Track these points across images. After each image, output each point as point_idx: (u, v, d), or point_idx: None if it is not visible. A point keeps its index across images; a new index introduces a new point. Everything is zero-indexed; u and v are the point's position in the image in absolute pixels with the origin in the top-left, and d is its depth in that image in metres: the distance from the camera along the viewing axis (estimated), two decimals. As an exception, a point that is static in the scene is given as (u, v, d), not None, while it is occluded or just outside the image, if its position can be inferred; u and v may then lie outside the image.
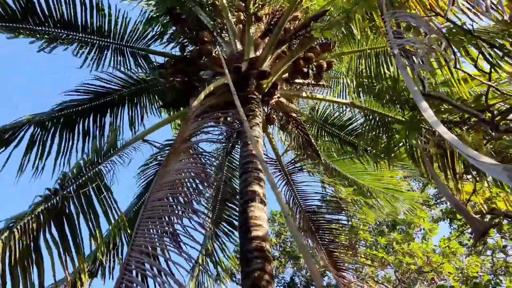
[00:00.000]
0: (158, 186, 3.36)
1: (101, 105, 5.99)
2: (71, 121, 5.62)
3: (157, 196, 3.21)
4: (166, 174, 3.53)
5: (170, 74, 6.12)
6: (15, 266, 3.65)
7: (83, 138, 5.75)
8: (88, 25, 5.50)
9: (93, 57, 5.78)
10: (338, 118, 7.06)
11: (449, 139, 2.09)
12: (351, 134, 7.00)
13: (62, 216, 4.17)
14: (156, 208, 3.09)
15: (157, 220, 2.95)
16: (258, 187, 4.50)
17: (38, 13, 5.09)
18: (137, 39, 6.02)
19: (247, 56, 5.99)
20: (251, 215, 4.22)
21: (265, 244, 4.06)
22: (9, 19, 4.92)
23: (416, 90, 2.41)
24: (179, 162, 3.76)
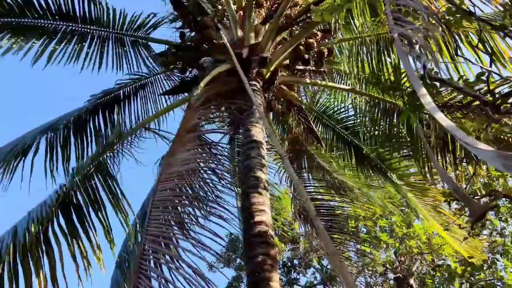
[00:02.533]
0: (166, 175, 3.40)
1: (109, 102, 6.04)
2: (82, 121, 5.66)
3: (166, 186, 3.25)
4: (173, 164, 3.57)
5: (171, 62, 6.12)
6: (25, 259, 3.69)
7: (95, 137, 5.80)
8: (87, 16, 5.50)
9: (95, 50, 5.76)
10: (337, 111, 7.06)
11: (446, 125, 2.12)
12: (347, 129, 7.02)
13: (70, 207, 4.22)
14: (167, 198, 3.14)
15: (171, 210, 2.99)
16: (261, 173, 4.54)
17: (36, 7, 5.09)
18: (138, 28, 6.01)
19: (248, 42, 5.97)
20: (254, 201, 4.27)
21: (268, 229, 4.12)
22: (5, 14, 4.91)
23: (415, 75, 2.43)
24: (187, 151, 3.79)
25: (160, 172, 3.51)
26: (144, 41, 6.17)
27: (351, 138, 6.95)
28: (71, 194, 4.31)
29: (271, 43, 6.06)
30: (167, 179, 3.40)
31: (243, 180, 4.61)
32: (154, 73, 6.61)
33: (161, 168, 3.61)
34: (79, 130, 5.71)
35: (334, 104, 7.06)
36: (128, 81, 6.38)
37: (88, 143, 5.76)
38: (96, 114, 6.01)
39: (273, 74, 6.00)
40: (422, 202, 6.61)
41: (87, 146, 5.72)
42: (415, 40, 3.05)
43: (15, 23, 5.04)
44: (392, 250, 9.18)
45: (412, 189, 6.69)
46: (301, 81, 6.65)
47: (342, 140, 7.04)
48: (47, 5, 5.17)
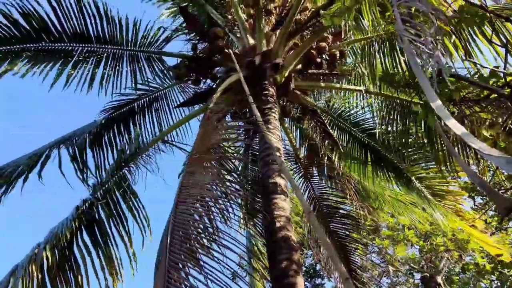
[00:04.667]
0: (184, 196, 3.44)
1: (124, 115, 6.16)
2: (98, 135, 5.79)
3: (184, 209, 3.29)
4: (192, 185, 3.62)
5: (185, 74, 6.21)
6: (53, 275, 3.79)
7: (111, 149, 5.92)
8: (101, 36, 5.63)
9: (111, 69, 5.90)
10: (353, 114, 7.04)
11: (458, 132, 2.12)
12: (364, 131, 6.98)
13: (93, 222, 4.30)
14: (186, 223, 3.17)
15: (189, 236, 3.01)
16: (279, 178, 4.56)
17: (52, 30, 5.25)
18: (150, 43, 6.13)
19: (260, 50, 6.02)
20: (275, 207, 4.29)
21: (290, 234, 4.12)
22: (22, 40, 5.11)
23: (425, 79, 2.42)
24: (207, 174, 3.84)
25: (179, 191, 3.55)
26: (157, 56, 6.28)
27: (368, 141, 6.91)
28: (93, 209, 4.39)
29: (282, 49, 6.09)
30: (186, 200, 3.45)
31: (262, 187, 4.64)
32: (168, 85, 6.72)
33: (180, 187, 3.64)
34: (95, 143, 5.83)
35: (349, 107, 7.04)
36: (142, 94, 6.50)
37: (105, 156, 5.88)
38: (112, 127, 6.14)
39: (286, 79, 6.03)
40: (443, 205, 6.53)
41: (104, 159, 5.84)
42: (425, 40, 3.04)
43: (33, 48, 5.21)
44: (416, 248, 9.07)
45: (432, 191, 6.61)
46: (315, 85, 6.67)
47: (359, 143, 7.01)
48: (62, 28, 5.30)
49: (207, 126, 4.74)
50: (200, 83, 6.52)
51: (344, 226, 7.37)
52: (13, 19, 4.93)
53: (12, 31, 5.01)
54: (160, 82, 6.50)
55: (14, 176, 4.63)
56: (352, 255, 7.32)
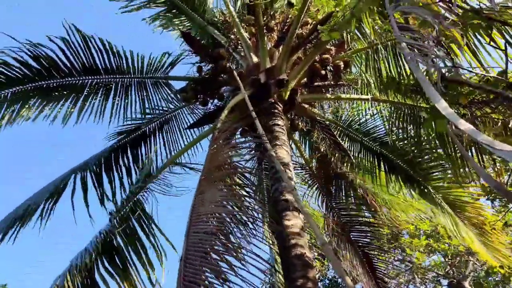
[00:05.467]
0: (198, 217, 3.48)
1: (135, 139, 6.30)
2: (111, 160, 5.90)
3: (198, 229, 3.33)
4: (203, 203, 3.65)
5: (192, 96, 6.30)
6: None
7: (127, 173, 6.04)
8: (108, 67, 5.80)
9: (120, 99, 6.05)
10: (364, 123, 7.01)
11: (466, 130, 2.11)
12: (375, 140, 6.94)
13: (112, 250, 4.36)
14: (199, 244, 3.20)
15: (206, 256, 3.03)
16: (290, 195, 4.56)
17: (61, 66, 5.43)
18: (156, 69, 6.26)
19: (264, 67, 6.08)
20: (287, 224, 4.28)
21: (304, 251, 4.10)
22: (33, 79, 5.30)
23: (427, 82, 2.42)
24: (217, 191, 3.88)
25: (191, 213, 3.58)
26: (164, 81, 6.40)
27: (380, 149, 6.85)
28: (111, 237, 4.44)
29: (286, 64, 6.14)
30: (199, 221, 3.48)
31: (274, 204, 4.64)
32: (178, 107, 6.82)
33: (192, 207, 3.68)
34: (109, 169, 5.95)
35: (358, 116, 7.02)
36: (153, 118, 6.62)
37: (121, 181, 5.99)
38: (124, 152, 6.24)
39: (292, 94, 6.06)
40: (460, 216, 6.42)
41: (120, 184, 5.95)
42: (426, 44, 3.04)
43: (45, 85, 5.39)
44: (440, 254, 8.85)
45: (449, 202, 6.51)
46: (322, 97, 6.67)
47: (371, 152, 6.96)
48: (71, 63, 5.48)
49: (216, 146, 4.79)
50: (208, 103, 6.60)
51: (364, 234, 7.31)
52: (23, 60, 5.13)
53: (23, 71, 5.21)
54: (169, 105, 6.61)
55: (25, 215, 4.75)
56: (376, 263, 7.23)
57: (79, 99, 5.65)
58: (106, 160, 5.75)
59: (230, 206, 3.72)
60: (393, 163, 6.91)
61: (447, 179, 6.69)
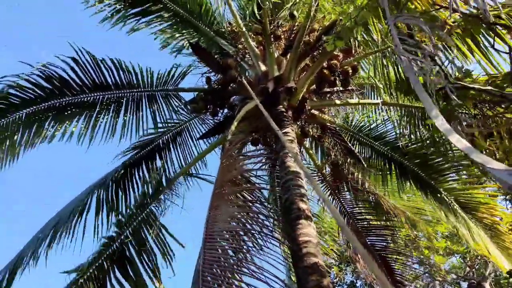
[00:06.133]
0: (210, 231, 3.53)
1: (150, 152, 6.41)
2: (128, 174, 6.02)
3: (213, 245, 3.38)
4: (217, 219, 3.70)
5: (202, 107, 6.38)
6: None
7: (142, 186, 6.16)
8: (119, 83, 5.93)
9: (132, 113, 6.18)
10: (374, 128, 6.99)
11: (461, 147, 2.12)
12: (386, 144, 6.91)
13: (124, 260, 4.43)
14: (214, 259, 3.25)
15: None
16: (302, 203, 4.58)
17: (72, 84, 5.57)
18: (166, 81, 6.35)
19: (272, 75, 6.13)
20: (299, 233, 4.29)
21: (317, 260, 4.11)
22: (46, 98, 5.46)
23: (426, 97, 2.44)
24: (230, 207, 3.92)
25: (206, 227, 3.63)
26: (174, 93, 6.50)
27: (392, 154, 6.82)
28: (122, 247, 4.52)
29: (294, 71, 6.17)
30: (213, 237, 3.53)
31: (286, 213, 4.67)
32: (189, 118, 6.91)
33: (206, 222, 3.73)
34: (125, 184, 6.06)
35: (369, 121, 7.00)
36: (166, 130, 6.72)
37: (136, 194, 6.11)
38: (140, 165, 6.37)
39: (301, 101, 6.09)
40: (473, 217, 6.34)
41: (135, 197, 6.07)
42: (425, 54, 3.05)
43: (58, 104, 5.54)
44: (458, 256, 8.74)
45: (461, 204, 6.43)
46: (331, 103, 6.68)
47: (383, 157, 6.93)
48: (82, 81, 5.63)
49: (227, 159, 4.85)
50: (218, 113, 6.67)
51: (380, 238, 7.28)
52: (36, 81, 5.29)
53: (36, 92, 5.36)
54: (180, 117, 6.70)
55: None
56: (394, 266, 7.19)
57: (91, 116, 5.79)
58: (122, 175, 5.86)
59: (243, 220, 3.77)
60: (404, 167, 6.88)
61: (460, 180, 6.63)
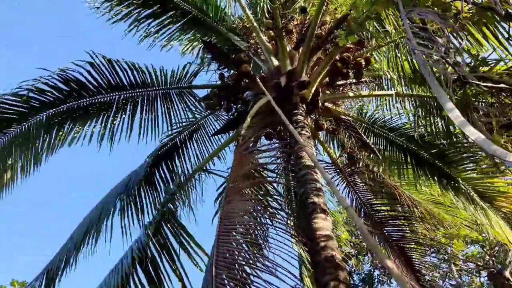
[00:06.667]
0: (224, 226, 3.58)
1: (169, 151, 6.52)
2: (149, 175, 6.17)
3: (227, 240, 3.43)
4: (231, 214, 3.76)
5: (216, 103, 6.43)
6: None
7: (162, 186, 6.31)
8: (134, 83, 6.04)
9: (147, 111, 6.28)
10: (388, 119, 6.96)
11: (477, 140, 2.12)
12: (401, 135, 6.86)
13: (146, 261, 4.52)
14: (228, 254, 3.30)
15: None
16: (317, 197, 4.61)
17: (89, 86, 5.71)
18: (180, 79, 6.42)
19: (284, 70, 6.14)
20: (316, 227, 4.33)
21: (334, 253, 4.14)
22: (64, 100, 5.60)
23: (440, 90, 2.43)
24: (244, 202, 3.97)
25: (219, 222, 3.70)
26: (188, 90, 6.56)
27: (407, 144, 6.79)
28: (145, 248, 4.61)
29: (307, 65, 6.17)
30: (227, 232, 3.59)
31: (302, 207, 4.71)
32: (204, 115, 6.98)
33: (220, 217, 3.79)
34: (148, 184, 6.20)
35: (383, 113, 6.97)
36: (182, 129, 6.81)
37: (159, 194, 6.26)
38: (160, 165, 6.48)
39: (314, 95, 6.09)
40: (492, 206, 6.28)
41: (158, 197, 6.22)
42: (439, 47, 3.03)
43: (76, 105, 5.68)
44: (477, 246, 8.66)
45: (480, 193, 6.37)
46: (345, 96, 6.67)
47: (398, 148, 6.90)
48: (98, 83, 5.76)
49: (240, 154, 4.90)
50: (231, 109, 6.72)
51: (397, 227, 7.27)
52: (54, 84, 5.43)
53: (54, 95, 5.51)
54: (195, 115, 6.77)
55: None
56: (413, 256, 7.19)
57: (109, 117, 5.91)
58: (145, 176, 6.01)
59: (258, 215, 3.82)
60: (420, 157, 6.84)
61: (478, 170, 6.56)
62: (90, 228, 5.04)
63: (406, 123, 6.91)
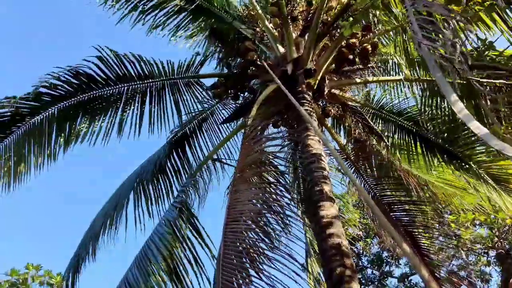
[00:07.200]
0: (234, 215, 3.68)
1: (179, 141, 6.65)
2: (163, 166, 6.31)
3: (234, 228, 3.53)
4: (238, 203, 3.85)
5: (223, 92, 6.48)
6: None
7: (175, 175, 6.45)
8: (141, 74, 6.12)
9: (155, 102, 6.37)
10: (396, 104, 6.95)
11: (480, 133, 2.16)
12: (409, 119, 6.85)
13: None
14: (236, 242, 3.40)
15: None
16: (324, 185, 4.68)
17: (97, 78, 5.81)
18: (187, 69, 6.47)
19: (291, 57, 6.13)
20: (323, 214, 4.41)
21: (340, 240, 4.23)
22: (74, 93, 5.71)
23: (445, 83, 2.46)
24: (252, 190, 4.05)
25: (227, 211, 3.79)
26: (195, 80, 6.61)
27: (416, 129, 6.79)
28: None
29: (313, 52, 6.15)
30: (235, 220, 3.69)
31: (309, 195, 4.79)
32: (212, 105, 7.04)
33: (228, 206, 3.89)
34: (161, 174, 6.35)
35: (391, 97, 6.95)
36: (192, 118, 6.89)
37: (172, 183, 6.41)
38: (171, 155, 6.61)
39: (320, 82, 6.10)
40: (507, 191, 6.30)
41: (171, 186, 6.37)
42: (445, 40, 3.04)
43: (86, 98, 5.80)
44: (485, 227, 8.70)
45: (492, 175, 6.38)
46: (351, 82, 6.66)
47: (407, 132, 6.90)
48: (106, 75, 5.86)
49: (247, 142, 4.96)
50: (239, 97, 6.77)
51: (406, 213, 7.33)
52: (65, 78, 5.55)
53: (65, 88, 5.62)
54: (203, 104, 6.84)
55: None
56: (421, 240, 7.27)
57: (118, 108, 6.01)
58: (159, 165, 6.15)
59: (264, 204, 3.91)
60: (430, 141, 6.84)
61: (490, 153, 6.55)
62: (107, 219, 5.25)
63: (414, 106, 6.89)
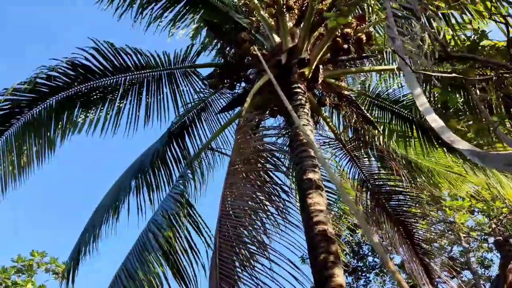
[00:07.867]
0: (226, 208, 3.81)
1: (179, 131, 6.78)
2: (161, 155, 6.47)
3: (228, 223, 3.67)
4: (231, 197, 3.98)
5: (219, 82, 6.58)
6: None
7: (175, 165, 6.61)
8: (138, 64, 6.25)
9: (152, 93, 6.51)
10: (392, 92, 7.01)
11: (435, 126, 2.26)
12: (405, 107, 6.91)
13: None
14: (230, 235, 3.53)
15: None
16: (313, 173, 4.80)
17: (94, 69, 5.94)
18: (183, 59, 6.57)
19: (286, 47, 6.19)
20: (310, 202, 4.54)
21: (327, 227, 4.37)
22: (71, 84, 5.85)
23: (410, 75, 2.54)
24: (244, 185, 4.18)
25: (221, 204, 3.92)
26: (192, 70, 6.72)
27: (412, 116, 6.84)
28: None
29: (308, 42, 6.20)
30: (229, 215, 3.82)
31: (298, 183, 4.92)
32: (210, 95, 7.15)
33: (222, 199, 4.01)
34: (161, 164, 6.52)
35: (386, 86, 7.00)
36: (190, 108, 7.01)
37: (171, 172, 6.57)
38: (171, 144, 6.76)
39: (315, 71, 6.15)
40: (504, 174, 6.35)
41: (170, 176, 6.54)
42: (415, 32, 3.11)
43: (84, 88, 5.94)
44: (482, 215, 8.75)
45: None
46: (346, 71, 6.72)
47: (403, 119, 6.96)
48: (103, 66, 6.00)
49: (241, 135, 5.08)
50: (235, 87, 6.85)
51: (400, 202, 7.41)
52: (62, 70, 5.70)
53: (62, 79, 5.76)
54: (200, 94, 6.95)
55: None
56: (414, 229, 7.36)
57: (115, 99, 6.16)
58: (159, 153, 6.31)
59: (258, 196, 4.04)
60: (425, 128, 6.89)
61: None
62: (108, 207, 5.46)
63: (409, 94, 6.94)
